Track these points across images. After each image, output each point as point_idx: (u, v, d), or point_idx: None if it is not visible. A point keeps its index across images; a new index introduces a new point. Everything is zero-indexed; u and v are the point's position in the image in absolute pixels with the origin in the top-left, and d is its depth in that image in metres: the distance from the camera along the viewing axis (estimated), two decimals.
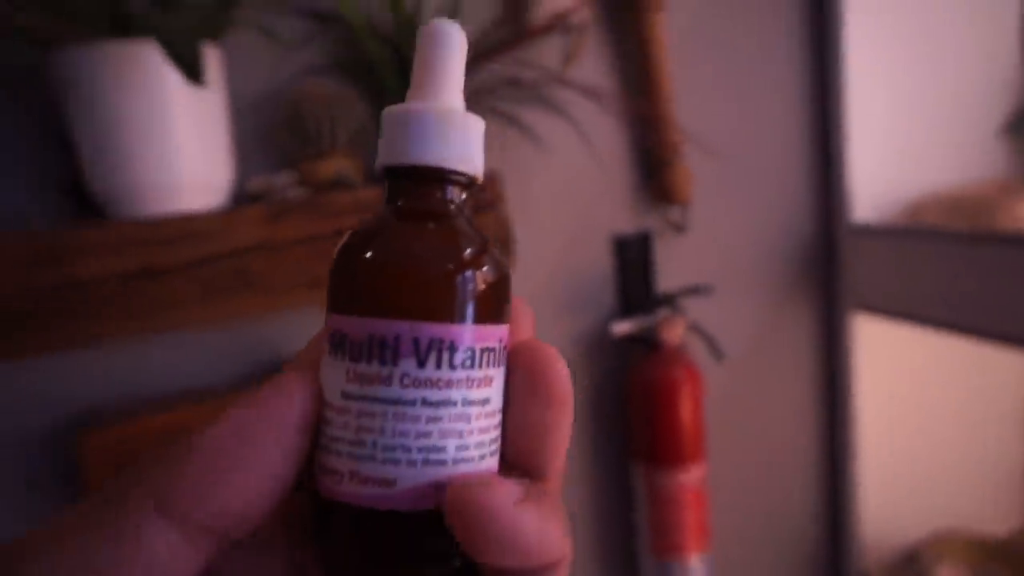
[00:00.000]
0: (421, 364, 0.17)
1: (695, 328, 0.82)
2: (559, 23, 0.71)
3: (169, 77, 0.52)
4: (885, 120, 0.90)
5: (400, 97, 0.20)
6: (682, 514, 0.79)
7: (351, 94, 0.63)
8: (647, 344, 0.79)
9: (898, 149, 0.92)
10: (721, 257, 0.87)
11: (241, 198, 0.63)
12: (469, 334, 0.18)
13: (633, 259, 0.82)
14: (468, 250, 0.18)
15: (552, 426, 0.18)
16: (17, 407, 0.60)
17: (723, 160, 0.85)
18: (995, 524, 1.04)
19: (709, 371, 0.88)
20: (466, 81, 0.20)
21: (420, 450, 0.17)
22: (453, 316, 0.18)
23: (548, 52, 0.74)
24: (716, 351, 0.81)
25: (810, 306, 0.94)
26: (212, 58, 0.55)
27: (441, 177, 0.19)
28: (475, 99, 0.68)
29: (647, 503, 0.80)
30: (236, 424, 0.16)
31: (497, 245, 0.18)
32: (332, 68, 0.65)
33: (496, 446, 0.19)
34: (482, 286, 0.18)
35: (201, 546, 0.16)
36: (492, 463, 0.19)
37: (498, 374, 0.19)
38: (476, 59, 0.66)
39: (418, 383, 0.17)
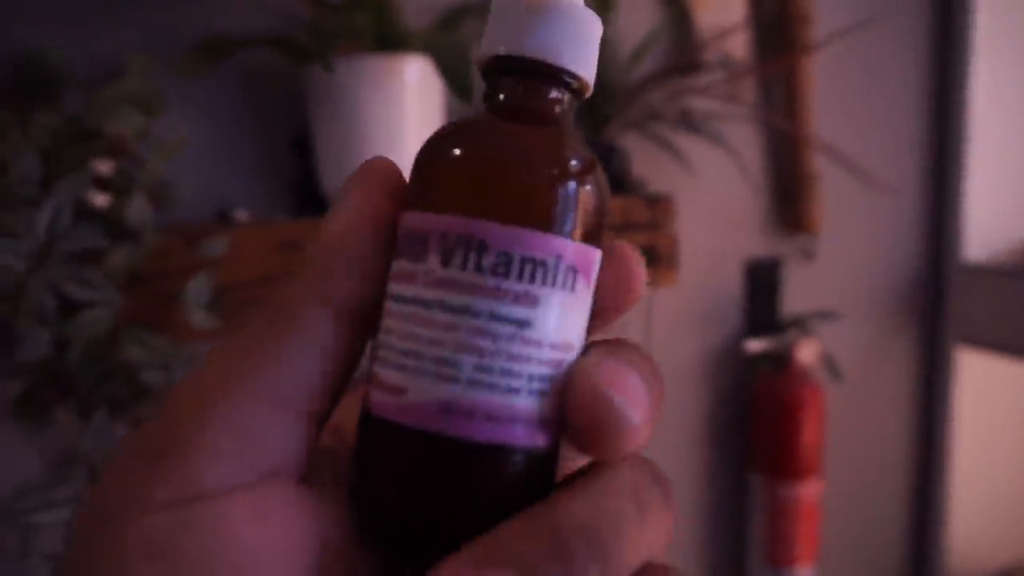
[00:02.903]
0: (445, 263, 0.15)
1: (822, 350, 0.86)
2: (720, 59, 0.76)
3: (407, 91, 0.57)
4: (1003, 161, 0.95)
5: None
6: (799, 526, 0.83)
7: None
8: (776, 362, 0.84)
9: (1015, 191, 0.97)
10: (834, 285, 0.92)
11: None
12: (505, 236, 0.15)
13: (763, 282, 0.86)
14: (559, 152, 0.16)
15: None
16: None
17: (848, 195, 0.90)
18: None
19: None
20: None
21: (432, 360, 0.15)
22: (491, 213, 0.15)
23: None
24: (835, 372, 0.86)
25: (916, 336, 0.98)
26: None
27: (552, 75, 0.17)
28: (643, 124, 0.73)
29: (765, 513, 0.84)
30: (349, 223, 0.17)
31: (604, 170, 0.17)
32: None
33: (544, 385, 0.16)
34: (543, 187, 0.16)
35: (358, 334, 0.17)
36: (530, 403, 0.16)
37: (549, 296, 0.16)
38: (648, 82, 0.71)
39: (439, 284, 0.15)
